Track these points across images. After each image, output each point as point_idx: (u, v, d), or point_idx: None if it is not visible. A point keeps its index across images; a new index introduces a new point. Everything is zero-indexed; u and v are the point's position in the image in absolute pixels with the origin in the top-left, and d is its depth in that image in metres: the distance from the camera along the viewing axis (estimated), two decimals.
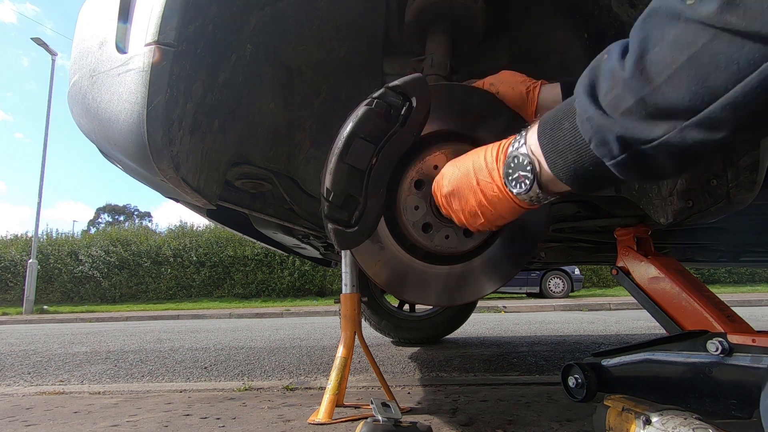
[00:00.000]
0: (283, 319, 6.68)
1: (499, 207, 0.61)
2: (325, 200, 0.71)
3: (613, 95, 0.41)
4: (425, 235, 0.82)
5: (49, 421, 1.29)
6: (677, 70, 0.35)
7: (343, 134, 0.69)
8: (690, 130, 0.36)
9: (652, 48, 0.37)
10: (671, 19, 0.36)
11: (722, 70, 0.33)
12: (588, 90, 0.44)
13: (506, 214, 0.63)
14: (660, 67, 0.37)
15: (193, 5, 0.73)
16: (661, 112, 0.38)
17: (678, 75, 0.35)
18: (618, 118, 0.41)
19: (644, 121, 0.39)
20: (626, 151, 0.42)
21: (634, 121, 0.40)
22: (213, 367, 2.39)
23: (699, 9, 0.33)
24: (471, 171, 0.64)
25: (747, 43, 0.32)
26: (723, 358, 0.84)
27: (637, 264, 1.18)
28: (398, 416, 0.91)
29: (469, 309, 3.06)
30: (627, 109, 0.40)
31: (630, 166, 0.43)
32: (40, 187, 10.84)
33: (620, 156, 0.42)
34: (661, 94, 0.37)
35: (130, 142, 0.74)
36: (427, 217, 0.81)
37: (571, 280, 9.70)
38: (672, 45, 0.36)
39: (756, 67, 0.32)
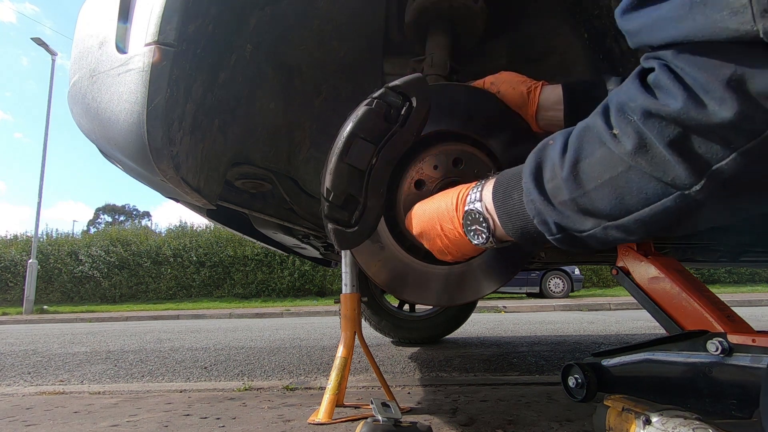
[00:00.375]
0: (283, 319, 6.68)
1: (462, 248, 0.69)
2: (325, 200, 0.71)
3: (552, 185, 0.48)
4: None
5: (49, 421, 1.29)
6: (601, 184, 0.42)
7: (343, 134, 0.69)
8: (611, 229, 0.44)
9: (584, 159, 0.44)
10: (600, 142, 0.42)
11: (635, 195, 0.40)
12: (533, 173, 0.50)
13: (469, 253, 0.70)
14: (589, 177, 0.43)
15: (193, 5, 0.73)
16: (589, 212, 0.45)
17: (602, 188, 0.42)
18: (556, 206, 0.47)
19: (576, 215, 0.46)
20: (561, 233, 0.49)
21: (569, 212, 0.46)
22: (213, 367, 2.39)
23: (619, 144, 0.40)
24: (435, 218, 0.70)
25: (653, 181, 0.38)
26: (723, 358, 0.84)
27: (637, 264, 1.18)
28: (398, 416, 0.91)
29: (469, 309, 3.06)
30: (563, 201, 0.46)
31: (566, 243, 0.50)
32: (40, 187, 10.84)
33: (557, 235, 0.50)
34: (589, 199, 0.44)
35: (130, 142, 0.74)
36: None
37: (571, 280, 9.70)
38: (598, 163, 0.42)
39: (659, 199, 0.39)
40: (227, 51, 0.85)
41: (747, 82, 0.31)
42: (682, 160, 0.35)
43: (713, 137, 0.33)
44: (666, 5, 0.34)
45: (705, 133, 0.34)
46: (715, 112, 0.32)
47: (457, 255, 0.71)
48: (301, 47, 1.02)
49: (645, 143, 0.37)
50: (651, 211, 0.40)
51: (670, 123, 0.35)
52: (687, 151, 0.35)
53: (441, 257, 0.75)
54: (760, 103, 0.31)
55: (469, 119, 0.86)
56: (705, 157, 0.34)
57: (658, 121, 0.36)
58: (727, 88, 0.32)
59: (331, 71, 1.08)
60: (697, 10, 0.32)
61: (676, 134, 0.35)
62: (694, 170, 0.35)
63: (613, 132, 0.40)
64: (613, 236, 0.45)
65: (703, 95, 0.33)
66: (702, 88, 0.33)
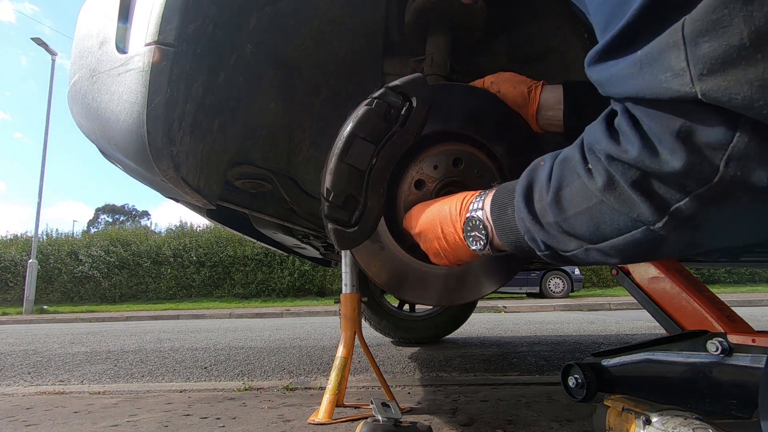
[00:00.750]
0: (283, 319, 6.68)
1: (459, 253, 0.70)
2: (325, 200, 0.71)
3: (540, 207, 0.51)
4: None
5: (49, 421, 1.29)
6: (580, 212, 0.46)
7: (343, 134, 0.69)
8: (592, 251, 0.48)
9: (565, 187, 0.47)
10: (577, 174, 0.45)
11: (608, 225, 0.44)
12: (525, 192, 0.54)
13: (464, 258, 0.72)
14: (569, 204, 0.47)
15: (193, 5, 0.73)
16: (572, 235, 0.48)
17: (581, 215, 0.46)
18: (544, 225, 0.51)
19: (561, 236, 0.49)
20: (549, 251, 0.53)
21: (554, 233, 0.50)
22: (213, 367, 2.39)
23: (592, 179, 0.43)
24: (437, 220, 0.72)
25: (622, 215, 0.41)
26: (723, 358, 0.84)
27: (637, 264, 1.17)
28: (398, 416, 0.91)
29: (469, 309, 3.06)
30: (548, 222, 0.50)
31: (553, 259, 0.54)
32: (40, 187, 10.84)
33: (545, 252, 0.54)
34: (570, 224, 0.47)
35: (130, 142, 0.74)
36: None
37: (571, 280, 9.70)
38: (577, 192, 0.46)
39: (629, 231, 0.42)
40: (227, 51, 0.85)
41: (694, 135, 0.34)
42: (644, 199, 0.39)
43: (669, 182, 0.37)
44: (621, 62, 0.36)
45: (662, 179, 0.37)
46: (667, 161, 0.35)
47: (452, 259, 0.72)
48: (301, 47, 1.02)
49: (613, 182, 0.41)
50: (624, 240, 0.43)
51: (631, 167, 0.38)
52: (648, 192, 0.38)
53: (435, 260, 0.75)
54: (706, 155, 0.34)
55: (469, 119, 0.85)
56: (665, 198, 0.37)
57: (620, 164, 0.39)
58: (677, 140, 0.34)
59: (331, 71, 1.08)
60: (646, 70, 0.34)
61: (638, 176, 0.38)
62: (656, 209, 0.38)
63: (587, 167, 0.44)
64: (594, 258, 0.48)
65: (657, 144, 0.36)
66: (656, 137, 0.36)
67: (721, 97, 0.30)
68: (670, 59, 0.32)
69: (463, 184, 0.82)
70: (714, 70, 0.30)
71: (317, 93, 1.08)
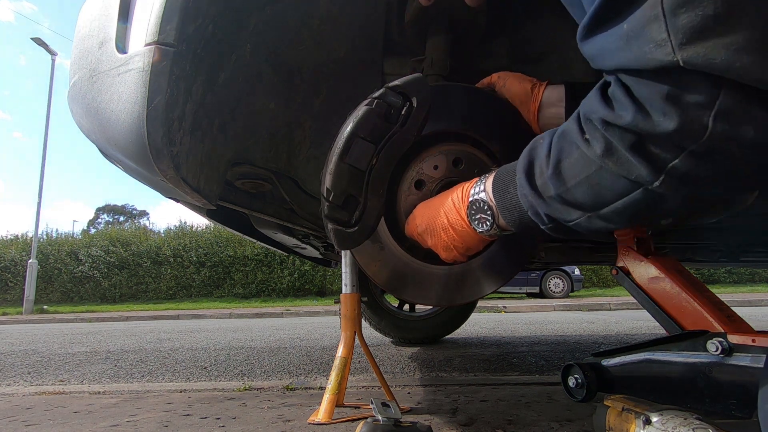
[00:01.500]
0: (283, 319, 6.68)
1: (467, 240, 0.72)
2: (325, 200, 0.71)
3: (541, 181, 0.53)
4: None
5: (49, 421, 1.29)
6: (580, 181, 0.48)
7: (343, 134, 0.69)
8: (594, 219, 0.49)
9: (564, 159, 0.49)
10: (575, 145, 0.47)
11: (608, 190, 0.46)
12: (526, 169, 0.56)
13: (473, 246, 0.73)
14: (569, 175, 0.49)
15: (193, 5, 0.73)
16: (573, 205, 0.50)
17: (581, 184, 0.48)
18: (546, 199, 0.53)
19: (563, 207, 0.51)
20: (552, 223, 0.55)
21: (557, 205, 0.52)
22: (213, 367, 2.39)
23: (590, 148, 0.45)
24: (441, 211, 0.73)
25: (621, 179, 0.43)
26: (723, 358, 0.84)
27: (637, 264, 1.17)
28: (398, 416, 0.91)
29: (469, 309, 3.06)
30: (550, 196, 0.52)
31: (557, 231, 0.56)
32: (40, 187, 10.84)
33: (548, 224, 0.55)
34: (571, 194, 0.49)
35: (130, 142, 0.74)
36: None
37: (571, 280, 9.70)
38: (576, 163, 0.48)
39: (629, 193, 0.44)
40: (227, 51, 0.85)
41: (682, 97, 0.36)
42: (642, 161, 0.41)
43: (664, 143, 0.39)
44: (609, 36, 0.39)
45: (656, 140, 0.39)
46: (659, 123, 0.38)
47: (461, 249, 0.73)
48: (301, 47, 1.01)
49: (611, 147, 0.43)
50: (624, 203, 0.45)
51: (627, 131, 0.40)
52: (645, 154, 0.40)
53: (446, 254, 0.76)
54: (695, 114, 0.36)
55: (469, 119, 0.86)
56: (661, 157, 0.40)
57: (617, 129, 0.41)
58: (667, 103, 0.37)
59: (331, 71, 1.08)
60: (632, 42, 0.37)
61: (634, 140, 0.40)
62: (653, 169, 0.40)
63: (585, 137, 0.46)
64: (596, 225, 0.50)
65: (649, 108, 0.38)
66: (647, 102, 0.38)
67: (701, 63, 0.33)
68: (652, 31, 0.35)
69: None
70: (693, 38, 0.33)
71: (317, 93, 1.08)
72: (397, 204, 0.84)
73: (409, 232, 0.82)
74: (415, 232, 0.80)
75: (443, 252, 0.76)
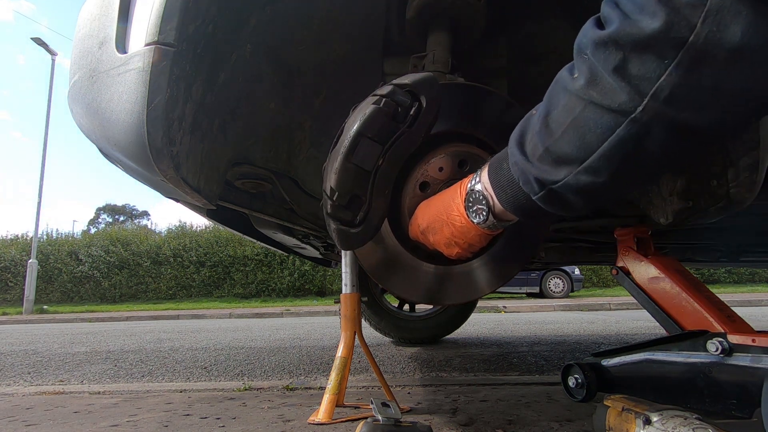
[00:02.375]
0: (283, 319, 6.68)
1: (467, 235, 0.70)
2: (328, 199, 0.70)
3: (531, 145, 0.52)
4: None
5: (49, 421, 1.29)
6: (567, 128, 0.47)
7: (349, 133, 0.67)
8: (581, 174, 0.48)
9: (553, 109, 0.49)
10: (564, 90, 0.47)
11: (593, 132, 0.44)
12: (518, 139, 0.55)
13: (474, 241, 0.71)
14: (557, 124, 0.48)
15: (193, 5, 0.73)
16: (561, 160, 0.49)
17: (567, 132, 0.47)
18: (535, 163, 0.52)
19: (551, 166, 0.50)
20: (543, 189, 0.52)
21: (546, 166, 0.51)
22: (213, 367, 2.39)
23: (576, 83, 0.45)
24: (442, 207, 0.72)
25: (606, 113, 0.43)
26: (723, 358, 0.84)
27: (637, 264, 1.18)
28: (398, 416, 0.91)
29: (469, 309, 3.06)
30: (540, 155, 0.51)
31: (548, 201, 0.53)
32: (40, 187, 10.84)
33: (540, 193, 0.53)
34: (559, 146, 0.48)
35: (130, 142, 0.74)
36: None
37: (571, 280, 9.70)
38: (563, 109, 0.47)
39: (613, 131, 0.43)
40: (227, 51, 0.85)
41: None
42: (625, 84, 0.40)
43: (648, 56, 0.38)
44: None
45: (641, 52, 0.39)
46: (647, 24, 0.38)
47: (463, 245, 0.72)
48: (301, 47, 1.01)
49: (595, 75, 0.42)
50: (609, 146, 0.44)
51: (611, 47, 0.40)
52: (628, 75, 0.40)
53: (449, 251, 0.74)
54: (685, 13, 0.36)
55: (475, 119, 0.85)
56: (645, 77, 0.39)
57: (602, 49, 0.41)
58: (658, 3, 0.37)
59: (331, 71, 1.08)
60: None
61: (618, 60, 0.40)
62: (637, 92, 0.40)
63: (573, 76, 0.46)
64: (584, 181, 0.48)
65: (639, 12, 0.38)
66: (637, 7, 0.38)
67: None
68: None
69: None
70: None
71: (317, 93, 1.08)
72: (401, 205, 0.83)
73: (413, 233, 0.81)
74: (417, 232, 0.79)
75: (445, 249, 0.75)
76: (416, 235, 0.80)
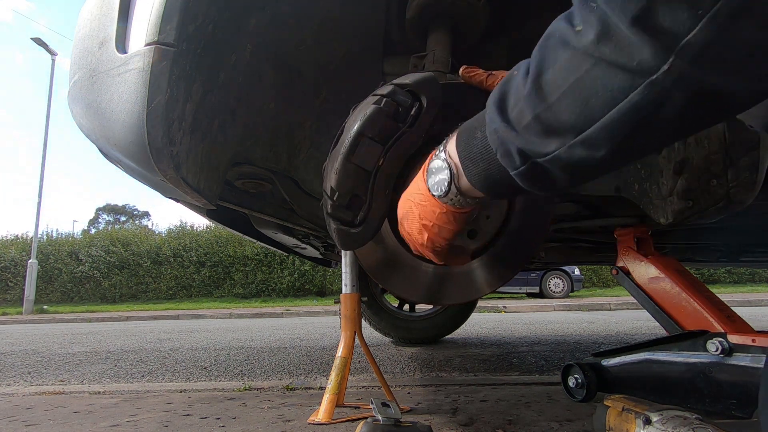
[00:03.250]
0: (283, 319, 6.68)
1: (433, 214, 0.61)
2: (329, 199, 0.70)
3: (517, 110, 0.44)
4: None
5: (49, 421, 1.29)
6: (565, 91, 0.39)
7: (350, 133, 0.67)
8: (576, 147, 0.41)
9: (547, 69, 0.41)
10: (563, 45, 0.39)
11: (600, 96, 0.37)
12: (498, 102, 0.47)
13: (443, 223, 0.61)
14: (552, 87, 0.40)
15: (193, 5, 0.73)
16: (553, 129, 0.41)
17: (566, 96, 0.39)
18: (520, 132, 0.44)
19: (540, 137, 0.43)
20: (525, 163, 0.45)
21: (533, 136, 0.43)
22: (213, 367, 2.39)
23: (582, 37, 0.37)
24: (411, 189, 0.64)
25: (619, 73, 0.35)
26: (723, 358, 0.85)
27: (637, 264, 1.18)
28: (398, 416, 0.91)
29: (469, 309, 3.07)
30: (527, 124, 0.43)
31: (529, 177, 0.46)
32: (40, 187, 10.84)
33: (521, 167, 0.46)
34: (553, 113, 0.41)
35: (130, 142, 0.74)
36: None
37: (571, 280, 9.70)
38: (562, 68, 0.39)
39: (626, 95, 0.35)
40: (227, 51, 0.85)
41: None
42: (647, 37, 0.33)
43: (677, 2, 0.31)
44: None
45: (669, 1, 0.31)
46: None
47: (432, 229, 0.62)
48: (301, 47, 1.01)
49: (608, 28, 0.35)
50: (617, 114, 0.37)
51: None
52: (651, 27, 0.32)
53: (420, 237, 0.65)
54: None
55: None
56: (672, 31, 0.32)
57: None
58: None
59: (331, 71, 1.08)
60: None
61: (640, 8, 0.32)
62: (662, 47, 0.33)
63: (576, 29, 0.38)
64: (578, 155, 0.41)
65: None
66: None
67: None
68: None
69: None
70: None
71: (317, 93, 1.08)
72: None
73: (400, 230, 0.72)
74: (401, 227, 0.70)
75: (417, 235, 0.66)
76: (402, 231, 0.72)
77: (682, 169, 0.92)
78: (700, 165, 0.88)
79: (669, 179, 0.93)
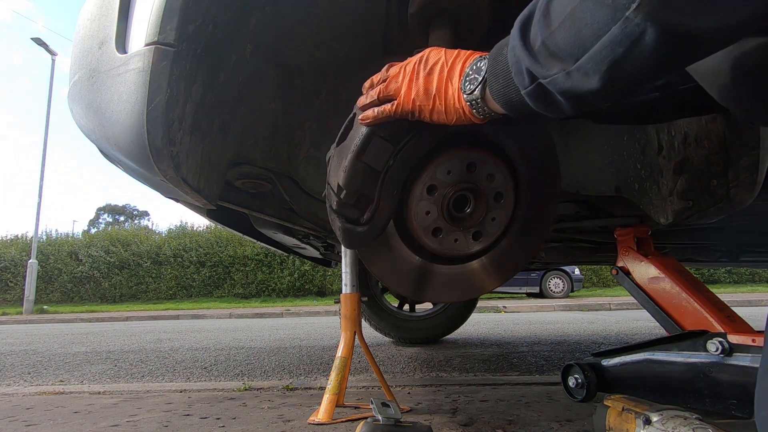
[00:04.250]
0: (283, 319, 6.68)
1: (446, 97, 0.62)
2: (335, 195, 0.69)
3: (533, 33, 0.47)
4: (435, 239, 0.81)
5: (49, 421, 1.29)
6: (564, 20, 0.42)
7: (362, 131, 0.65)
8: (573, 74, 0.43)
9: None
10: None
11: (589, 27, 0.40)
12: (522, 22, 0.49)
13: (447, 107, 0.62)
14: (556, 14, 0.43)
15: (193, 5, 0.73)
16: (556, 55, 0.44)
17: (564, 24, 0.42)
18: (532, 52, 0.47)
19: (546, 59, 0.45)
20: (532, 83, 0.48)
21: (540, 58, 0.46)
22: (213, 367, 2.39)
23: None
24: (442, 76, 0.64)
25: (603, 6, 0.38)
26: (723, 358, 0.85)
27: (637, 264, 1.18)
28: (398, 416, 0.91)
29: (469, 309, 3.07)
30: (537, 47, 0.46)
31: (536, 98, 0.49)
32: (40, 187, 10.84)
33: (529, 86, 0.48)
34: (554, 39, 0.43)
35: (130, 142, 0.74)
36: (438, 221, 0.80)
37: (571, 280, 9.69)
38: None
39: (609, 28, 0.38)
40: (227, 51, 0.85)
41: None
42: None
43: None
44: None
45: None
46: None
47: (435, 104, 0.63)
48: (301, 47, 1.01)
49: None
50: (602, 46, 0.40)
51: None
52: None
53: (419, 99, 0.64)
54: None
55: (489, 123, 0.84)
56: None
57: None
58: None
59: (331, 71, 1.08)
60: None
61: None
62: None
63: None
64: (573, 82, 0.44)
65: None
66: None
67: None
68: None
69: (477, 190, 0.81)
70: None
71: (317, 93, 1.08)
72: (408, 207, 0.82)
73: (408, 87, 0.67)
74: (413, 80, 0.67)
75: (423, 96, 0.64)
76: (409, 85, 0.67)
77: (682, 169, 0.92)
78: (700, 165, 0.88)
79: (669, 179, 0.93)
